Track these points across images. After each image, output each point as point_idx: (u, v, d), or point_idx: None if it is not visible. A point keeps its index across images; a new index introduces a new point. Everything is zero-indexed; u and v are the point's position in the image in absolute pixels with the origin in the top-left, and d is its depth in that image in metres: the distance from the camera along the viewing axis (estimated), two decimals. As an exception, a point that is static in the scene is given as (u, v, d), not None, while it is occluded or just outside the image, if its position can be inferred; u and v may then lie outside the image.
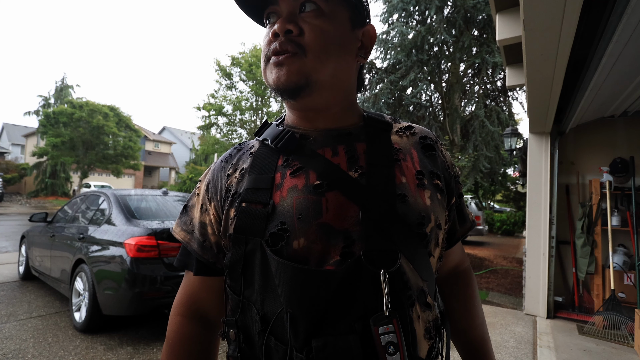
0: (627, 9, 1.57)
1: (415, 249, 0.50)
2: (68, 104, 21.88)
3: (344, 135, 0.57)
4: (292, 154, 0.56)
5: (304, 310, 0.46)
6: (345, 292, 0.46)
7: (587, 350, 2.98)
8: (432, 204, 0.54)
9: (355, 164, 0.53)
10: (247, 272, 0.52)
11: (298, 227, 0.49)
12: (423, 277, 0.51)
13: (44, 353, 2.63)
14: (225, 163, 0.62)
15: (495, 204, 21.71)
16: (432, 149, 0.61)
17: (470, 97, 7.69)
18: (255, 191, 0.53)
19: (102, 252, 3.01)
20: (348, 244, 0.48)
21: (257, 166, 0.57)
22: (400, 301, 0.47)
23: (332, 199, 0.50)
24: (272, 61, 0.53)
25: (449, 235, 0.64)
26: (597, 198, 3.86)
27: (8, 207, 17.45)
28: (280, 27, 0.52)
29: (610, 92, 2.95)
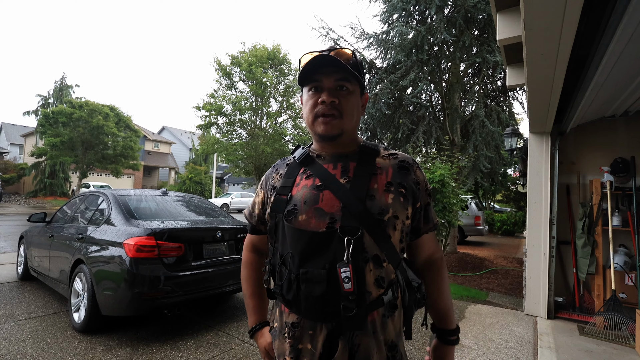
0: (627, 9, 1.56)
1: (376, 228, 0.80)
2: (67, 103, 21.82)
3: (343, 156, 0.91)
4: (309, 166, 0.91)
5: (298, 252, 0.82)
6: (324, 247, 0.79)
7: (587, 350, 2.97)
8: (393, 203, 0.84)
9: (346, 175, 0.87)
10: (277, 233, 0.90)
11: (303, 208, 0.84)
12: (381, 248, 0.81)
13: (42, 354, 2.62)
14: (273, 169, 1.02)
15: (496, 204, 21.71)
16: (407, 169, 0.90)
17: (471, 97, 7.67)
18: (283, 188, 0.91)
19: (101, 253, 3.00)
20: (332, 222, 0.81)
21: (288, 173, 0.94)
22: (357, 257, 0.78)
23: (326, 194, 0.84)
24: (322, 120, 0.86)
25: (414, 230, 0.92)
26: (598, 198, 3.86)
27: (6, 207, 17.42)
28: (327, 98, 0.84)
29: (611, 92, 2.94)
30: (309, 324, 0.81)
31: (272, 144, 17.97)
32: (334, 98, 0.84)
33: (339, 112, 0.85)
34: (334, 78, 0.85)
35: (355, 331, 0.78)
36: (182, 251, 3.02)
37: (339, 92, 0.85)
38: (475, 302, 4.47)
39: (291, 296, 0.82)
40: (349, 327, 0.77)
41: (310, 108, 0.87)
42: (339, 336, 0.78)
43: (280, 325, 0.87)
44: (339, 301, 0.76)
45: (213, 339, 3.04)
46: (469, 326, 3.57)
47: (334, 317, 0.78)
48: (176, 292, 2.90)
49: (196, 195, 4.56)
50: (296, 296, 0.81)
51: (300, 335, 0.82)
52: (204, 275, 3.11)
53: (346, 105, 0.86)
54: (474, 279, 5.79)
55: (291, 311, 0.84)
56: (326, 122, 0.85)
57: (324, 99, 0.83)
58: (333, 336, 0.79)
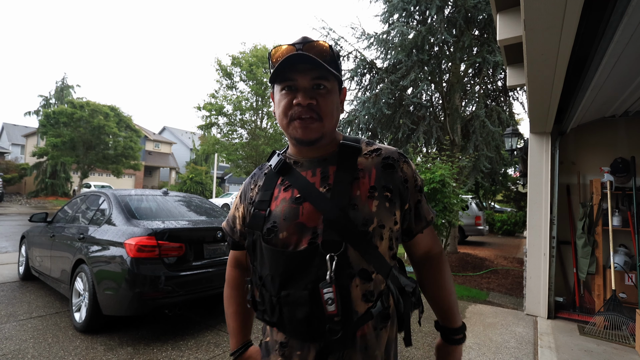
0: (628, 9, 1.57)
1: (361, 241, 0.73)
2: (68, 104, 21.87)
3: (321, 161, 0.83)
4: (287, 176, 0.84)
5: (278, 274, 0.76)
6: (305, 265, 0.73)
7: (588, 350, 2.97)
8: (378, 210, 0.76)
9: (325, 182, 0.79)
10: (255, 251, 0.82)
11: (283, 225, 0.77)
12: (368, 260, 0.74)
13: (43, 353, 2.63)
14: (251, 179, 0.94)
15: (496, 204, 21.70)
16: (392, 167, 0.82)
17: (471, 97, 7.68)
18: (261, 202, 0.84)
19: (102, 252, 3.01)
20: (314, 236, 0.74)
21: (265, 185, 0.87)
22: (341, 274, 0.72)
23: (306, 207, 0.77)
24: (298, 123, 0.77)
25: (406, 232, 0.87)
26: (598, 198, 3.86)
27: (8, 207, 17.45)
28: (303, 100, 0.76)
29: (611, 92, 2.94)
30: (297, 344, 0.76)
31: (273, 144, 17.99)
32: (311, 99, 0.76)
33: (317, 114, 0.77)
34: (310, 77, 0.77)
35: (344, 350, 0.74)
36: (183, 251, 3.02)
37: (316, 92, 0.77)
38: (476, 302, 4.47)
39: (275, 319, 0.78)
40: (337, 347, 0.73)
41: (284, 110, 0.79)
42: (328, 355, 0.74)
43: (271, 340, 0.83)
44: (324, 322, 0.71)
45: (214, 338, 3.05)
46: (470, 326, 3.57)
47: (321, 337, 0.73)
48: (177, 292, 2.90)
49: (197, 195, 4.57)
50: (280, 319, 0.77)
51: (289, 354, 0.78)
52: (204, 275, 3.12)
53: (325, 106, 0.78)
54: (474, 278, 5.79)
55: (278, 330, 0.80)
56: (304, 126, 0.77)
57: (300, 101, 0.75)
58: (322, 355, 0.75)
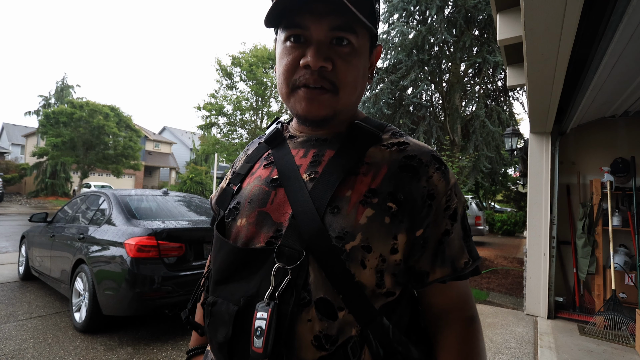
0: (627, 9, 1.57)
1: (331, 259, 0.50)
2: (68, 103, 21.87)
3: (320, 140, 0.63)
4: (275, 149, 0.65)
5: (215, 269, 0.60)
6: (248, 271, 0.54)
7: (588, 350, 2.97)
8: (369, 224, 0.51)
9: (313, 169, 0.58)
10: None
11: (245, 209, 0.59)
12: (336, 289, 0.50)
13: (44, 353, 2.63)
14: (247, 147, 0.77)
15: (496, 204, 21.71)
16: (413, 172, 0.55)
17: (471, 97, 7.68)
18: (237, 175, 0.67)
19: (102, 253, 3.01)
20: (276, 235, 0.54)
21: (250, 156, 0.70)
22: (289, 296, 0.50)
23: (280, 194, 0.57)
24: (303, 94, 0.55)
25: (415, 273, 0.55)
26: (598, 198, 3.85)
27: (8, 207, 17.45)
28: (314, 62, 0.52)
29: (611, 92, 2.94)
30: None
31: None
32: (325, 62, 0.52)
33: (332, 84, 0.54)
34: (328, 25, 0.52)
35: None
36: (183, 251, 3.02)
37: (336, 50, 0.53)
38: (476, 302, 4.46)
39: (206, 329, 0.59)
40: None
41: (286, 72, 0.56)
42: None
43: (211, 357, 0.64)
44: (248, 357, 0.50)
45: (214, 338, 3.04)
46: (470, 326, 3.57)
47: None
48: (177, 292, 2.90)
49: (197, 195, 4.57)
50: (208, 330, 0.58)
51: None
52: (204, 275, 3.11)
53: (345, 72, 0.54)
54: (474, 278, 5.79)
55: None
56: (310, 97, 0.54)
57: (309, 62, 0.52)
58: None
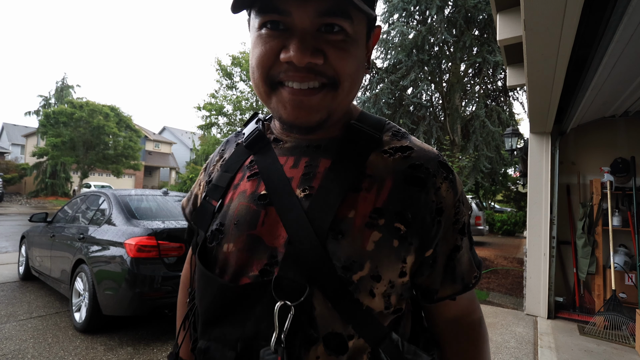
0: (627, 9, 1.57)
1: (337, 290, 0.44)
2: (68, 104, 21.89)
3: (312, 147, 0.52)
4: (259, 155, 0.55)
5: (202, 307, 0.51)
6: (243, 309, 0.46)
7: (588, 350, 2.97)
8: (377, 250, 0.45)
9: (308, 183, 0.49)
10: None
11: (232, 232, 0.50)
12: (345, 320, 0.45)
13: (44, 353, 2.63)
14: (221, 147, 0.66)
15: (496, 204, 21.71)
16: (420, 185, 0.49)
17: (471, 97, 7.69)
18: (215, 188, 0.57)
19: (102, 252, 3.01)
20: (271, 262, 0.46)
21: (229, 162, 0.59)
22: (296, 337, 0.43)
23: (271, 213, 0.48)
24: (288, 96, 0.45)
25: (426, 292, 0.53)
26: (598, 198, 3.86)
27: (8, 207, 17.45)
28: (299, 57, 0.41)
29: (611, 92, 2.95)
30: None
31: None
32: (314, 57, 0.42)
33: (328, 78, 0.45)
34: (315, 9, 0.42)
35: None
36: (183, 251, 3.02)
37: (326, 38, 0.43)
38: (476, 302, 4.47)
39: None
40: None
41: (262, 64, 0.45)
42: None
43: None
44: None
45: (214, 338, 3.04)
46: (469, 326, 3.57)
47: None
48: (177, 292, 2.90)
49: (197, 195, 4.56)
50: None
51: None
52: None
53: (343, 62, 0.44)
54: (474, 279, 5.78)
55: None
56: (297, 101, 0.45)
57: (292, 58, 0.42)
58: None
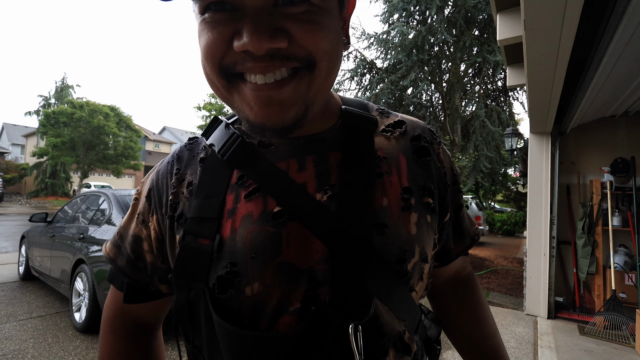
0: (628, 9, 1.57)
1: (393, 288, 0.41)
2: (68, 104, 21.90)
3: (315, 142, 0.45)
4: (247, 168, 0.44)
5: None
6: (304, 354, 0.37)
7: (588, 350, 2.97)
8: (419, 231, 0.44)
9: (326, 183, 0.42)
10: (194, 320, 0.43)
11: (252, 268, 0.39)
12: (400, 317, 0.43)
13: (44, 353, 2.63)
14: (169, 166, 0.50)
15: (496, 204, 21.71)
16: (427, 154, 0.49)
17: (471, 97, 7.69)
18: (200, 222, 0.42)
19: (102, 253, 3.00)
20: (312, 285, 0.39)
21: (205, 184, 0.45)
22: (372, 355, 0.39)
23: (294, 230, 0.40)
24: (252, 93, 0.36)
25: (443, 255, 0.56)
26: (598, 198, 3.85)
27: (8, 207, 17.45)
28: (256, 45, 0.32)
29: (611, 92, 2.95)
30: None
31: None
32: (275, 40, 0.33)
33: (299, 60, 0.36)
34: None
35: None
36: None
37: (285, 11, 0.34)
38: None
39: None
40: None
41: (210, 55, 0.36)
42: None
43: None
44: None
45: (214, 338, 3.05)
46: (470, 326, 3.57)
47: None
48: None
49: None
50: None
51: None
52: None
53: (315, 35, 0.35)
54: (474, 279, 5.79)
55: None
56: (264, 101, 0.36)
57: (248, 46, 0.33)
58: None
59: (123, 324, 0.52)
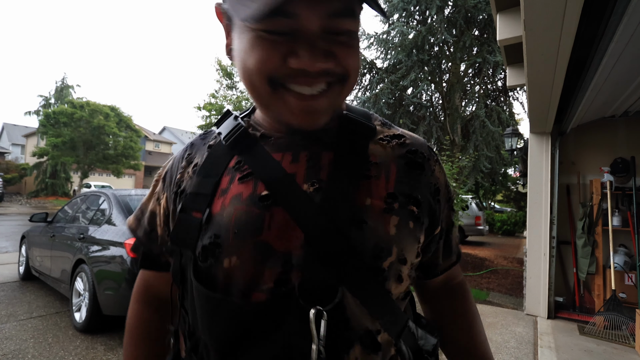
0: (627, 9, 1.57)
1: (366, 283, 0.43)
2: (68, 103, 21.91)
3: (310, 139, 0.49)
4: (246, 155, 0.49)
5: (214, 338, 0.43)
6: (267, 328, 0.41)
7: (587, 350, 2.97)
8: (398, 233, 0.45)
9: (314, 176, 0.46)
10: (185, 284, 0.48)
11: (232, 242, 0.43)
12: (374, 315, 0.44)
13: (44, 353, 2.63)
14: (184, 152, 0.57)
15: (496, 204, 21.71)
16: (420, 168, 0.52)
17: (471, 97, 7.69)
18: (195, 197, 0.48)
19: (102, 252, 3.01)
20: (286, 269, 0.42)
21: (206, 166, 0.51)
22: (335, 344, 0.40)
23: (277, 214, 0.44)
24: (297, 102, 0.42)
25: (428, 268, 0.58)
26: (598, 198, 3.86)
27: (8, 207, 17.46)
28: (312, 65, 0.39)
29: (611, 92, 2.95)
30: None
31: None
32: (327, 61, 0.40)
33: (336, 76, 0.42)
34: (324, 10, 0.38)
35: None
36: (183, 251, 3.03)
37: (333, 39, 0.41)
38: (476, 302, 4.45)
39: None
40: None
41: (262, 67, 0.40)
42: None
43: None
44: None
45: (214, 338, 3.05)
46: (469, 326, 3.57)
47: None
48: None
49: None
50: None
51: None
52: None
53: (351, 58, 0.42)
54: (474, 278, 5.79)
55: None
56: (308, 106, 0.42)
57: (306, 66, 0.39)
58: None
59: (147, 295, 0.61)
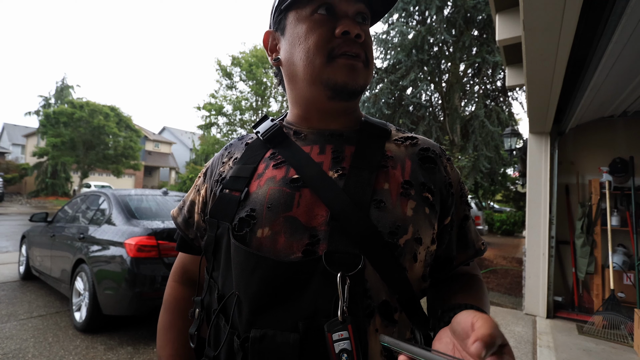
0: (626, 9, 1.57)
1: (385, 258, 0.47)
2: (68, 104, 21.88)
3: (335, 136, 0.58)
4: (279, 148, 0.58)
5: (248, 295, 0.47)
6: (296, 288, 0.46)
7: (586, 350, 2.98)
8: (415, 215, 0.50)
9: (338, 165, 0.54)
10: (216, 254, 0.55)
11: (266, 216, 0.50)
12: (392, 290, 0.48)
13: (44, 353, 2.64)
14: (225, 151, 0.66)
15: (495, 204, 21.71)
16: (432, 162, 0.57)
17: (470, 97, 7.70)
18: (235, 179, 0.56)
19: (102, 252, 3.01)
20: (313, 242, 0.48)
21: (245, 157, 0.60)
22: (356, 309, 0.45)
23: (306, 194, 0.51)
24: (345, 61, 0.53)
25: (444, 262, 0.58)
26: (597, 198, 3.86)
27: (8, 207, 17.44)
28: (353, 28, 0.52)
29: (610, 92, 2.95)
30: None
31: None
32: (361, 31, 0.53)
33: (365, 55, 0.55)
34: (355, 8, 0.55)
35: None
36: (183, 251, 3.03)
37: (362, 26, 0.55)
38: (475, 302, 4.47)
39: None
40: None
41: (321, 40, 0.53)
42: None
43: None
44: None
45: (214, 338, 3.05)
46: (469, 325, 3.58)
47: None
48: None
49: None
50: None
51: None
52: (204, 274, 3.12)
53: (370, 49, 0.57)
54: (473, 278, 5.79)
55: None
56: (352, 65, 0.53)
57: (349, 28, 0.52)
58: None
59: (182, 275, 0.70)
